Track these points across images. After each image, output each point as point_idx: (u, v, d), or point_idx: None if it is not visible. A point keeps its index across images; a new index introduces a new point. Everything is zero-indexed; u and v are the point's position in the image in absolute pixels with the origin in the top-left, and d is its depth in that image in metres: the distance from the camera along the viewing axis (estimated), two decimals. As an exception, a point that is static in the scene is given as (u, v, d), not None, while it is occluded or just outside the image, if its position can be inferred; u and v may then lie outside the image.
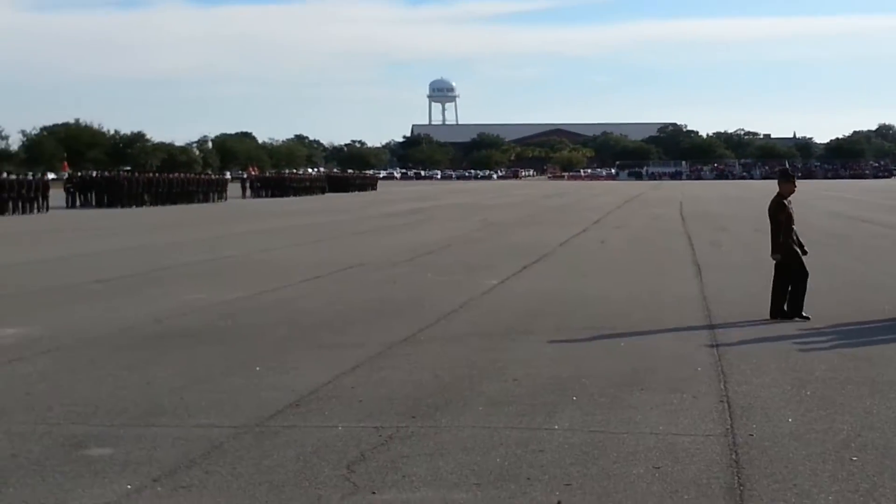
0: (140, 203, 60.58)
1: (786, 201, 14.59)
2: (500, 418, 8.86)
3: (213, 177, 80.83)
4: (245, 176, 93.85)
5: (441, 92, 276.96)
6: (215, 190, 71.66)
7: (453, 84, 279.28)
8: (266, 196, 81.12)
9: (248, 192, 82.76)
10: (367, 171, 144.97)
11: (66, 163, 62.19)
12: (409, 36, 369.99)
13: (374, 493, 6.87)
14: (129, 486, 6.99)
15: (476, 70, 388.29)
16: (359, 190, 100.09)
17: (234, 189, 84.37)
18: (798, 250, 14.56)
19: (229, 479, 7.18)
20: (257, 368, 11.04)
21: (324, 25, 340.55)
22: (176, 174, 71.13)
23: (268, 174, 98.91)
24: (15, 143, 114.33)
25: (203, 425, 8.64)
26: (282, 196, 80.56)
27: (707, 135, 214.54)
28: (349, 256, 24.48)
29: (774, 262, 14.60)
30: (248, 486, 7.00)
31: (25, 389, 9.98)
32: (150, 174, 68.31)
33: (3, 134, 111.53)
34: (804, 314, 14.28)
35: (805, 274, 14.45)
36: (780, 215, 14.52)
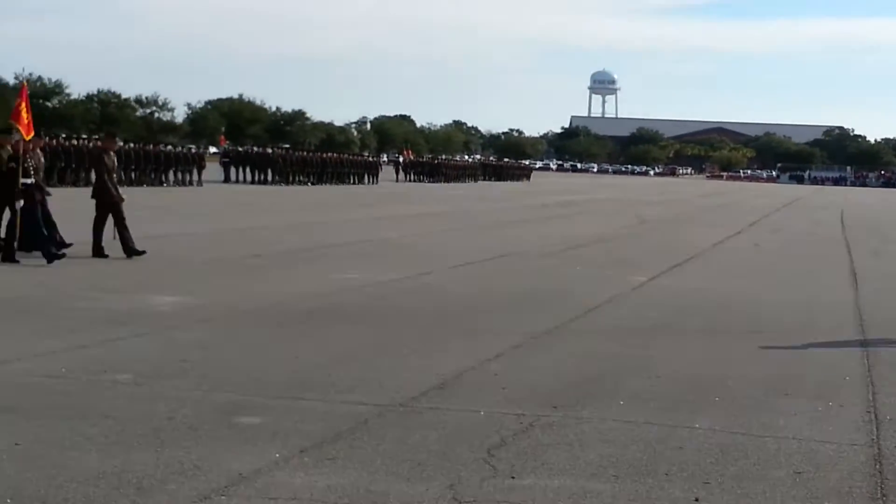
0: (291, 181, 61.31)
1: None
2: (642, 413, 8.88)
3: (368, 158, 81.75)
4: (400, 159, 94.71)
5: (602, 84, 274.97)
6: (369, 172, 72.34)
7: (615, 76, 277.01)
8: (419, 181, 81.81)
9: (402, 175, 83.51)
10: (523, 161, 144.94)
11: (223, 137, 63.40)
12: (573, 25, 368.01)
13: (513, 477, 6.98)
14: (276, 455, 7.22)
15: (639, 63, 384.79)
16: (513, 179, 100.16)
17: (387, 172, 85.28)
18: None
19: (373, 454, 7.36)
20: (403, 350, 11.24)
21: (489, 11, 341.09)
22: (330, 154, 71.91)
23: (423, 159, 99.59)
24: (180, 115, 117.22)
25: (349, 402, 8.86)
26: (435, 181, 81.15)
27: (875, 140, 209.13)
28: (501, 245, 24.62)
29: None
30: (391, 463, 7.17)
31: (181, 356, 10.33)
32: (305, 153, 69.18)
33: (169, 106, 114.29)
34: None
35: None
36: None
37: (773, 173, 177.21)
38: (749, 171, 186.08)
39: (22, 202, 16.92)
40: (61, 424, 7.73)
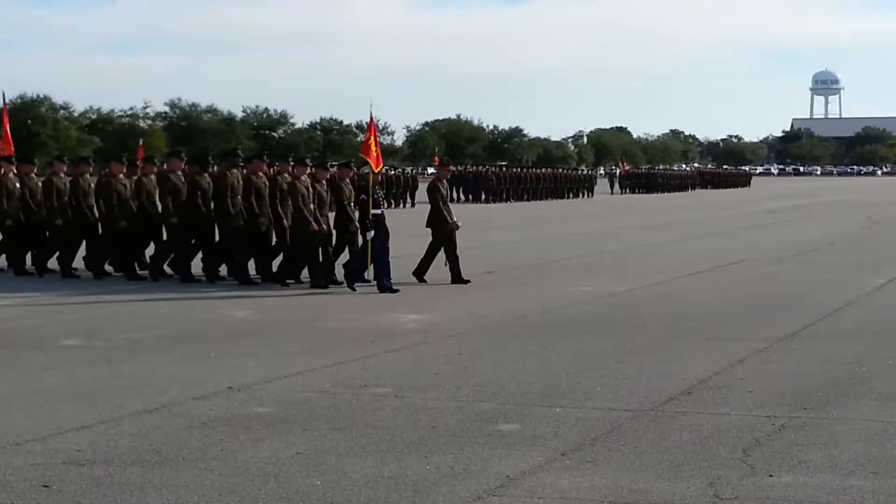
0: (506, 198, 61.41)
1: None
2: (894, 413, 8.90)
3: (582, 172, 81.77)
4: (615, 171, 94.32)
5: (825, 84, 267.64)
6: (584, 186, 72.38)
7: (838, 76, 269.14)
8: (635, 192, 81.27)
9: (617, 187, 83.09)
10: (743, 167, 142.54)
11: (436, 157, 64.42)
12: (793, 25, 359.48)
13: (771, 476, 7.16)
14: (539, 458, 7.57)
15: (864, 60, 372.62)
16: (730, 186, 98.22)
17: (603, 185, 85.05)
18: None
19: (631, 456, 7.64)
20: (647, 357, 11.47)
21: (704, 17, 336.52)
22: (544, 169, 72.17)
23: (640, 170, 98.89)
24: (399, 138, 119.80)
25: (601, 408, 9.15)
26: (651, 192, 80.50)
27: None
28: (731, 252, 24.51)
29: None
30: (650, 464, 7.44)
31: (434, 370, 10.80)
32: (519, 170, 69.64)
33: (389, 130, 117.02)
34: None
35: None
36: None
37: None
38: None
39: (373, 232, 17.19)
40: (334, 434, 8.25)
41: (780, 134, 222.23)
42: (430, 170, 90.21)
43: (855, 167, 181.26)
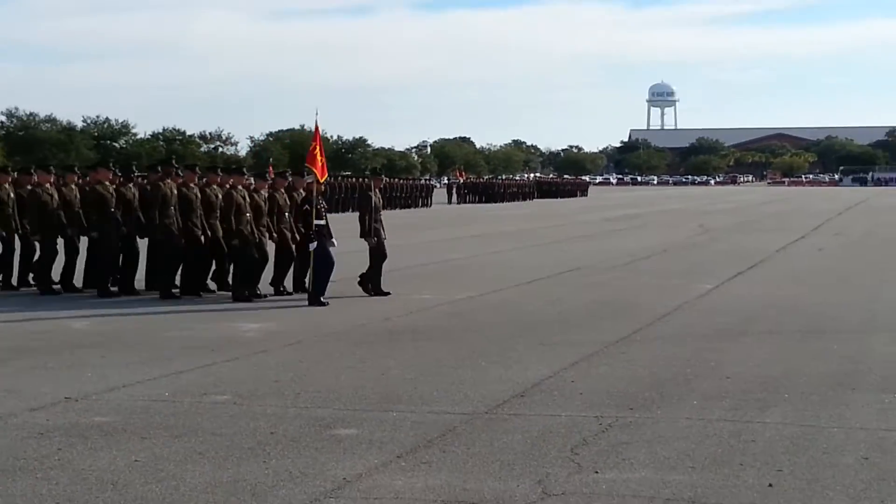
0: (346, 209, 61.36)
1: None
2: (714, 412, 9.37)
3: (423, 182, 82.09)
4: (453, 181, 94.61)
5: (661, 96, 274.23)
6: (421, 195, 72.57)
7: (673, 88, 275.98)
8: (475, 202, 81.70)
9: (455, 197, 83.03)
10: (583, 177, 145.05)
11: (270, 167, 64.05)
12: (630, 39, 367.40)
13: (596, 472, 7.51)
14: (375, 461, 7.79)
15: (698, 74, 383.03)
16: (568, 196, 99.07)
17: (440, 195, 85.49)
18: None
19: (465, 457, 7.90)
20: (482, 363, 11.78)
21: (544, 30, 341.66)
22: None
23: (478, 180, 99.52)
24: (244, 148, 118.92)
25: (436, 412, 9.41)
26: (490, 202, 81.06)
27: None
28: (566, 260, 25.09)
29: None
30: (483, 464, 7.72)
31: (273, 377, 10.94)
32: (355, 180, 69.29)
33: (232, 140, 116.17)
34: None
35: None
36: None
37: (836, 177, 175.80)
38: (811, 176, 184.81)
39: (315, 244, 16.97)
40: (173, 442, 8.34)
41: (618, 144, 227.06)
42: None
43: (690, 177, 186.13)
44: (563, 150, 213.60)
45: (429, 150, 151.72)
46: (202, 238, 17.78)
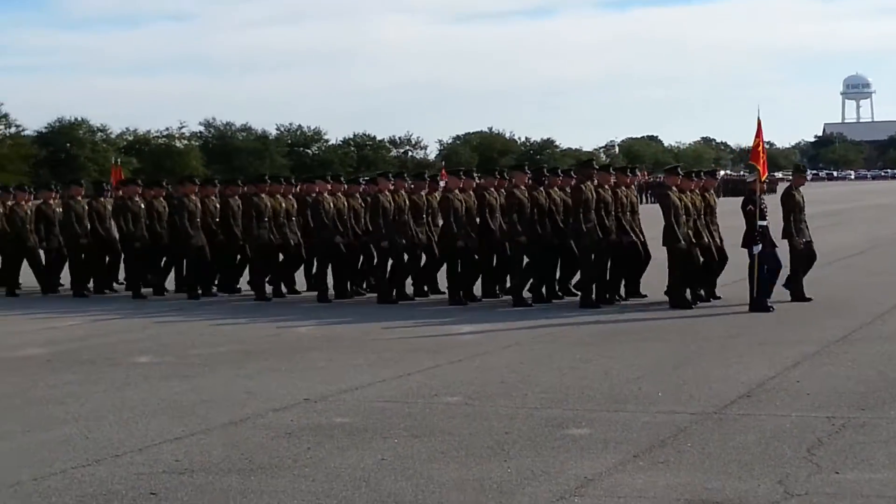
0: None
1: None
2: (950, 411, 9.26)
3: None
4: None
5: (856, 88, 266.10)
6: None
7: (869, 80, 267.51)
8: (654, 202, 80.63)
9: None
10: (776, 173, 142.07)
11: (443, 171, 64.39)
12: (820, 30, 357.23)
13: (837, 472, 7.53)
14: (613, 460, 7.96)
15: (894, 64, 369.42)
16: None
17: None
18: None
19: (700, 457, 8.02)
20: (703, 363, 11.84)
21: (734, 25, 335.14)
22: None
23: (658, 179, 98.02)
24: (433, 152, 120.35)
25: (664, 411, 9.53)
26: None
27: None
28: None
29: None
30: (719, 464, 7.81)
31: (499, 378, 11.21)
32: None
33: (421, 144, 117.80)
34: None
35: None
36: None
37: None
38: None
39: (760, 246, 16.17)
40: (414, 442, 8.67)
41: (812, 139, 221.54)
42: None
43: (889, 170, 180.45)
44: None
45: (616, 149, 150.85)
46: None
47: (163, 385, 11.26)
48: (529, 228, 17.01)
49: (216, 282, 19.60)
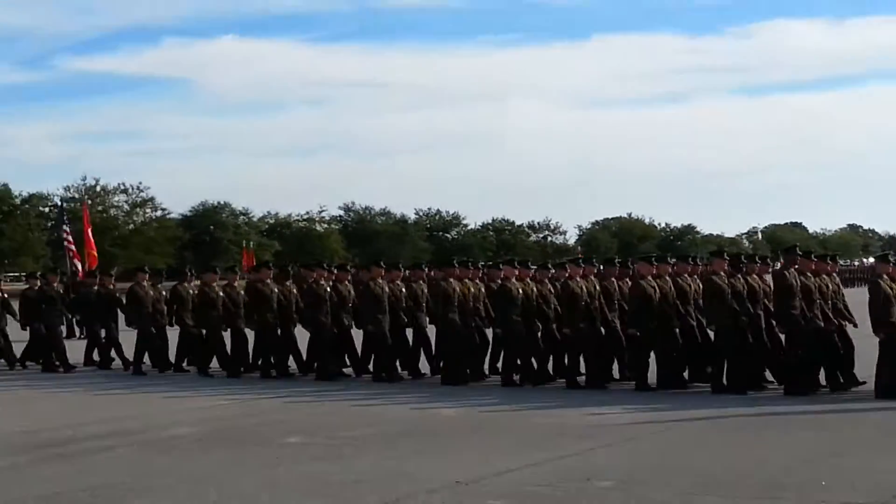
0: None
1: None
2: None
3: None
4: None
5: None
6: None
7: None
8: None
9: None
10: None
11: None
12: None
13: None
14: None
15: None
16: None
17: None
18: None
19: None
20: (862, 453, 11.47)
21: (870, 109, 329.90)
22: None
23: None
24: (572, 237, 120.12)
25: (828, 500, 9.24)
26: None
27: None
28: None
29: None
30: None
31: (651, 462, 11.02)
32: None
33: (561, 229, 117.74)
34: None
35: None
36: None
37: None
38: None
39: None
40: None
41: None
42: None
43: None
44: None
45: (759, 235, 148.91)
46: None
47: (313, 465, 11.30)
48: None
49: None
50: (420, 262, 23.32)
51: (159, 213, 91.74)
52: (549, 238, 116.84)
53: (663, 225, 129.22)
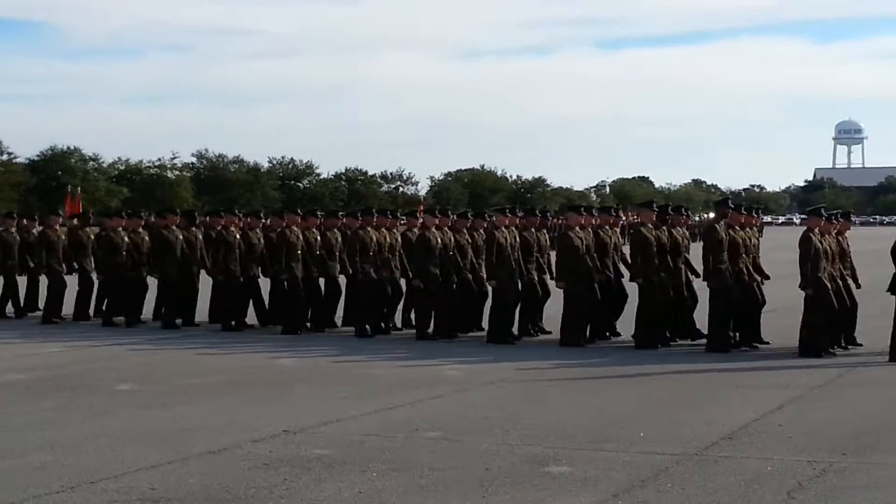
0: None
1: None
2: (932, 458, 9.22)
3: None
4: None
5: (847, 133, 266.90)
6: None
7: (861, 125, 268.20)
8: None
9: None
10: (765, 217, 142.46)
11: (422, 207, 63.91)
12: (816, 74, 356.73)
13: (817, 516, 7.50)
14: (592, 499, 7.92)
15: (888, 110, 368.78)
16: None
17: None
18: None
19: (680, 498, 7.98)
20: (687, 406, 11.80)
21: (726, 66, 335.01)
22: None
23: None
24: (423, 188, 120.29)
25: (646, 452, 9.48)
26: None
27: None
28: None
29: None
30: (699, 505, 7.79)
31: (482, 414, 11.16)
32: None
33: (413, 180, 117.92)
34: None
35: None
36: None
37: None
38: None
39: None
40: (392, 475, 8.61)
41: (802, 183, 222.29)
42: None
43: (878, 217, 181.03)
44: (744, 189, 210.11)
45: (608, 189, 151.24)
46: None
47: (142, 413, 11.21)
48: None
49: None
50: (336, 211, 22.94)
51: (5, 157, 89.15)
52: (401, 189, 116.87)
53: (514, 177, 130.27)
